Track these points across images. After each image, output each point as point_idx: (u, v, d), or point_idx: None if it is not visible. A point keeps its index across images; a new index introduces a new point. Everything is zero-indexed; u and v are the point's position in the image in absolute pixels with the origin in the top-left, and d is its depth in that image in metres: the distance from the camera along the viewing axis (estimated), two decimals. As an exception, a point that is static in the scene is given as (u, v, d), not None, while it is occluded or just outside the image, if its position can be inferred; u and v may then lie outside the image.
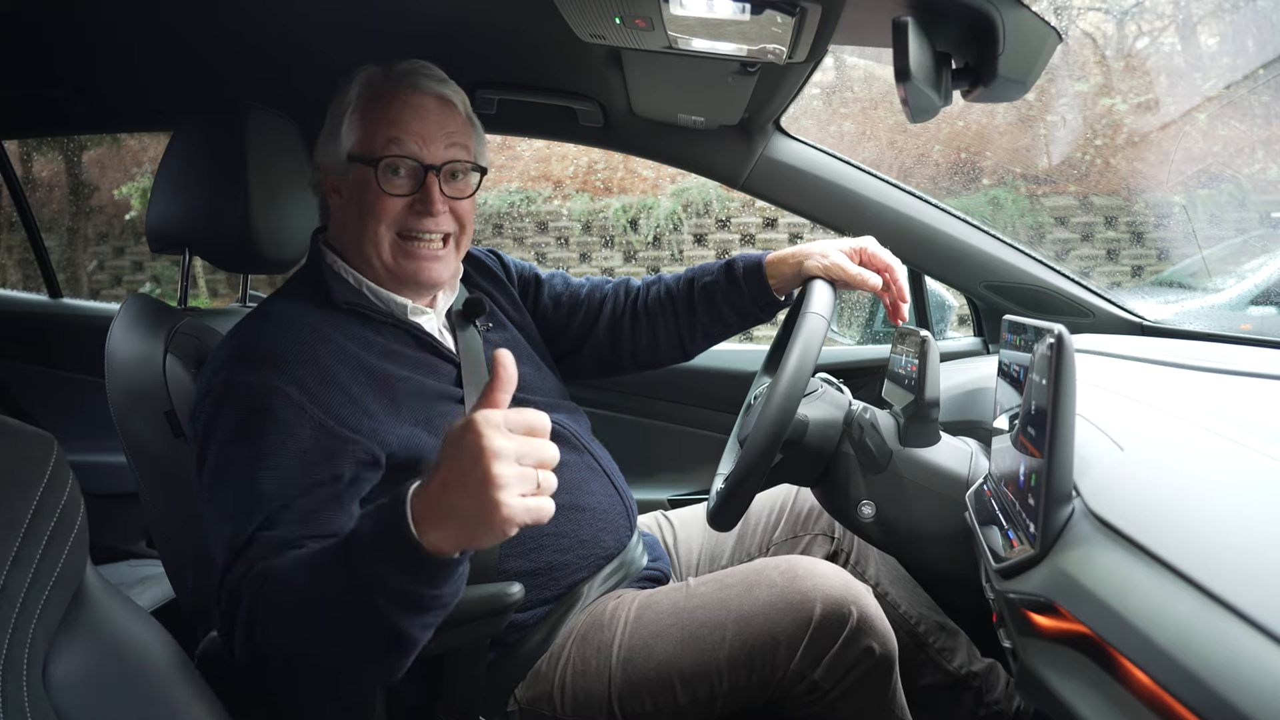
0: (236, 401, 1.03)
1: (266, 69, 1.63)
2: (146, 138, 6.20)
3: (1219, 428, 0.86)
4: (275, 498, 0.97)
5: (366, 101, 1.18)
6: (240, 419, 1.02)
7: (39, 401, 2.33)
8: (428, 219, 1.17)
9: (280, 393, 1.02)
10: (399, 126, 1.15)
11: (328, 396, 1.05)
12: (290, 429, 1.01)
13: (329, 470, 1.01)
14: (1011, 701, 1.34)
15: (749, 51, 1.21)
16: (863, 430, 1.15)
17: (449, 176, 1.19)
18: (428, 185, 1.16)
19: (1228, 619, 0.55)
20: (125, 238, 6.73)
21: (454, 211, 1.20)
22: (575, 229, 6.19)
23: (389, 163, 1.15)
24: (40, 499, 0.73)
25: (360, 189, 1.17)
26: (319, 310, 1.15)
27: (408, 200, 1.16)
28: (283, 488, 0.98)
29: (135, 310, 1.30)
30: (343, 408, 1.05)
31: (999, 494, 0.93)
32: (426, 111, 1.17)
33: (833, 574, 1.11)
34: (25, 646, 0.69)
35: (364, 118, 1.17)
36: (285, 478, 0.99)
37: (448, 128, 1.19)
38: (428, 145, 1.16)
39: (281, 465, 0.99)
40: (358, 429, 1.05)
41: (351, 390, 1.07)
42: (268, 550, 0.94)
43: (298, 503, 0.98)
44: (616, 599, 1.20)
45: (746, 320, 1.45)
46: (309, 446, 1.01)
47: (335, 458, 1.02)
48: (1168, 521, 0.68)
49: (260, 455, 0.99)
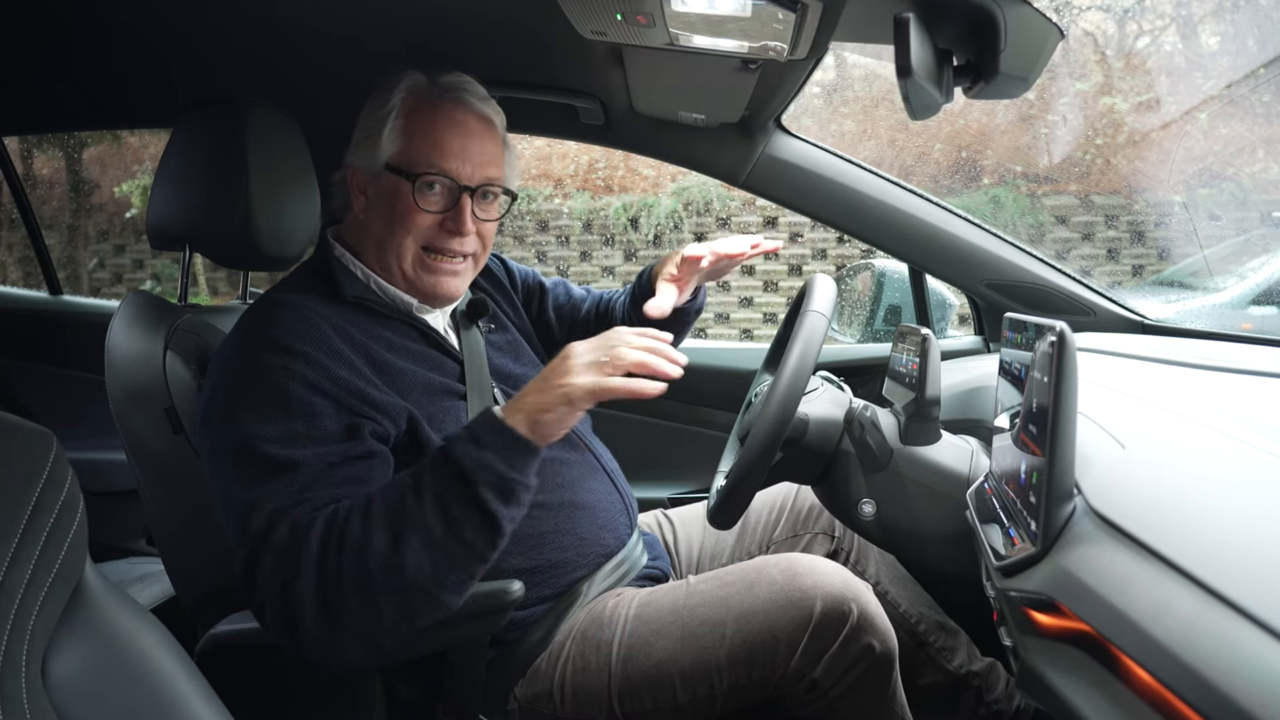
0: (256, 385, 1.02)
1: (268, 65, 1.62)
2: (147, 135, 6.21)
3: (1221, 425, 0.85)
4: (313, 465, 0.97)
5: (410, 111, 1.17)
6: (262, 401, 1.01)
7: (39, 398, 2.33)
8: (456, 239, 1.18)
9: (298, 374, 1.02)
10: (442, 144, 1.15)
11: (343, 375, 1.05)
12: (314, 407, 1.01)
13: (360, 445, 1.02)
14: (1011, 701, 1.34)
15: (750, 48, 1.20)
16: (863, 428, 1.15)
17: (480, 198, 1.20)
18: (460, 206, 1.17)
19: (1230, 616, 0.55)
20: (126, 235, 6.73)
21: (479, 232, 1.21)
22: (576, 228, 6.19)
23: (427, 179, 1.15)
24: (39, 495, 0.72)
25: (392, 197, 1.17)
26: (326, 302, 1.15)
27: (439, 218, 1.17)
28: (320, 456, 0.98)
29: (135, 307, 1.30)
30: (358, 385, 1.06)
31: (1000, 492, 0.93)
32: (469, 132, 1.18)
33: (833, 572, 1.11)
34: (24, 643, 0.69)
35: (407, 129, 1.17)
36: (318, 450, 0.99)
37: (488, 150, 1.19)
38: (466, 166, 1.17)
39: (312, 440, 0.99)
40: (374, 403, 1.06)
41: (363, 372, 1.08)
42: (317, 504, 0.94)
43: (335, 470, 0.98)
44: (616, 597, 1.20)
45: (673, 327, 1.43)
46: (334, 424, 1.01)
47: (360, 433, 1.03)
48: (1169, 519, 0.68)
49: (289, 433, 0.99)
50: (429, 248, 1.18)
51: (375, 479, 1.01)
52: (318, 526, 0.92)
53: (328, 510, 0.94)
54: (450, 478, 0.94)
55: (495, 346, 1.32)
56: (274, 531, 0.92)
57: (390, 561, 0.91)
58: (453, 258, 1.19)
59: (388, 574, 0.90)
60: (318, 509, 0.94)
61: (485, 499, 0.93)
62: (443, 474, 0.94)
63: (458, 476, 0.93)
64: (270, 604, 0.91)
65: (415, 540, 0.92)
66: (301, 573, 0.90)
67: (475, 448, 0.94)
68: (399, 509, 0.93)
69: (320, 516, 0.93)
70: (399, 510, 0.93)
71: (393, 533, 0.92)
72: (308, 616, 0.90)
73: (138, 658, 0.76)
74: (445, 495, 0.93)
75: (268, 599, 0.92)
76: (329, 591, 0.90)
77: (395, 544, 0.91)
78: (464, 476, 0.93)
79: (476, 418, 0.98)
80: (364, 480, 1.00)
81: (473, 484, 0.93)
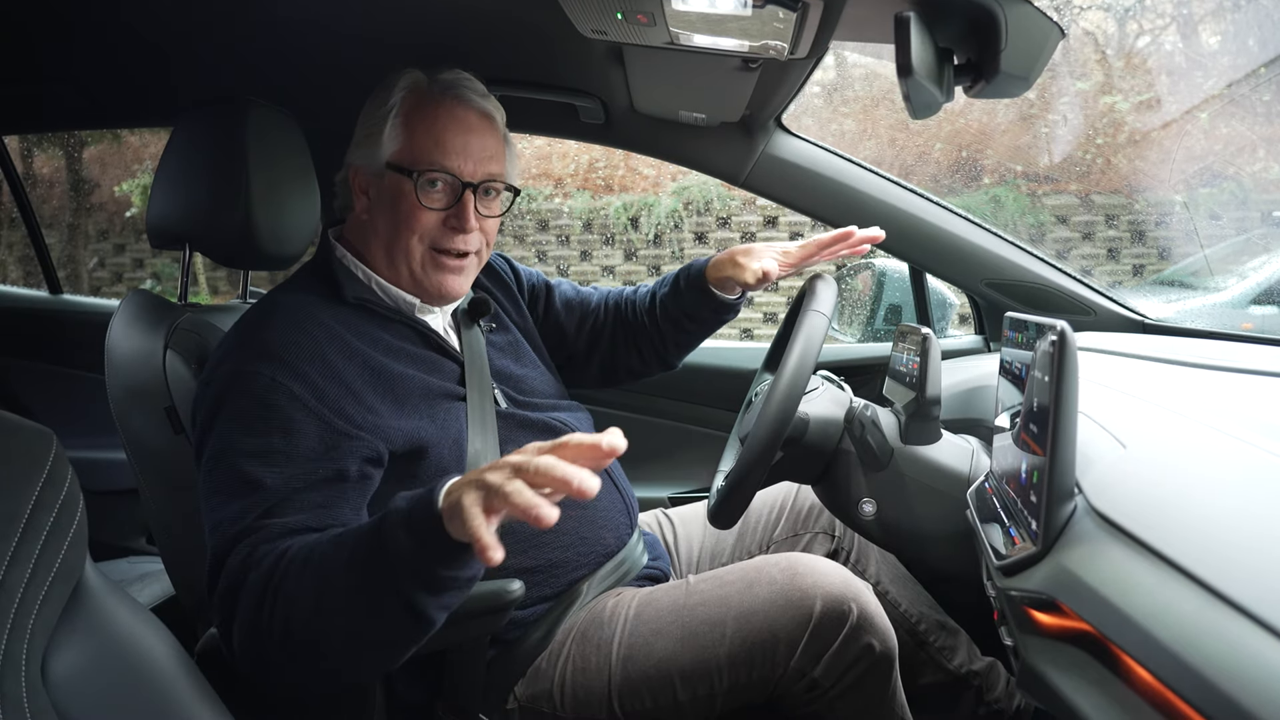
0: (241, 393, 1.02)
1: (268, 64, 1.62)
2: (148, 134, 6.20)
3: (1222, 425, 0.85)
4: (279, 489, 0.97)
5: (410, 109, 1.17)
6: (244, 410, 1.01)
7: (39, 398, 2.33)
8: (460, 236, 1.18)
9: (284, 388, 1.02)
10: (444, 142, 1.15)
11: (332, 392, 1.05)
12: (295, 424, 1.01)
13: (333, 466, 1.01)
14: (1011, 700, 1.34)
15: (751, 47, 1.20)
16: (864, 428, 1.15)
17: (483, 194, 1.20)
18: (463, 202, 1.17)
19: (1232, 616, 0.55)
20: (126, 235, 6.73)
21: (482, 229, 1.21)
22: (576, 227, 6.19)
23: (429, 176, 1.15)
24: (39, 494, 0.73)
25: (395, 197, 1.17)
26: (326, 304, 1.15)
27: (443, 215, 1.17)
28: (287, 480, 0.98)
29: (135, 306, 1.30)
30: (347, 404, 1.05)
31: (1000, 491, 0.93)
32: (470, 127, 1.18)
33: (833, 571, 1.11)
34: (24, 642, 0.69)
35: (407, 127, 1.16)
36: (290, 470, 0.98)
37: (489, 146, 1.19)
38: (468, 162, 1.16)
39: (286, 458, 0.99)
40: (361, 425, 1.05)
41: (355, 387, 1.07)
42: (273, 534, 0.94)
43: (302, 495, 0.98)
44: (616, 596, 1.20)
45: (707, 327, 1.47)
46: (313, 442, 1.01)
47: (340, 453, 1.02)
48: (1171, 518, 0.68)
49: (265, 448, 0.99)
50: (435, 247, 1.18)
51: (345, 505, 1.00)
52: (263, 567, 0.90)
53: (277, 550, 0.92)
54: (377, 566, 0.84)
55: (496, 347, 1.32)
56: (229, 559, 0.93)
57: (315, 628, 0.87)
58: (457, 255, 1.19)
59: (312, 640, 0.87)
60: (274, 540, 0.93)
61: (412, 596, 0.83)
62: (371, 559, 0.85)
63: (385, 567, 0.84)
64: (219, 623, 0.94)
65: (338, 617, 0.86)
66: (239, 611, 0.91)
67: (407, 536, 0.82)
68: (328, 574, 0.87)
69: (269, 555, 0.91)
70: (329, 576, 0.87)
71: (317, 599, 0.86)
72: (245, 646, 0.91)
73: (137, 657, 0.76)
74: (372, 583, 0.84)
75: (216, 617, 0.94)
76: (261, 635, 0.89)
77: (317, 612, 0.86)
78: (391, 569, 0.83)
79: (418, 495, 0.84)
80: (331, 506, 0.99)
81: (400, 580, 0.83)
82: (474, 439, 1.15)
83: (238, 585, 0.91)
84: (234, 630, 0.91)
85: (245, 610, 0.90)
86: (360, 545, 0.86)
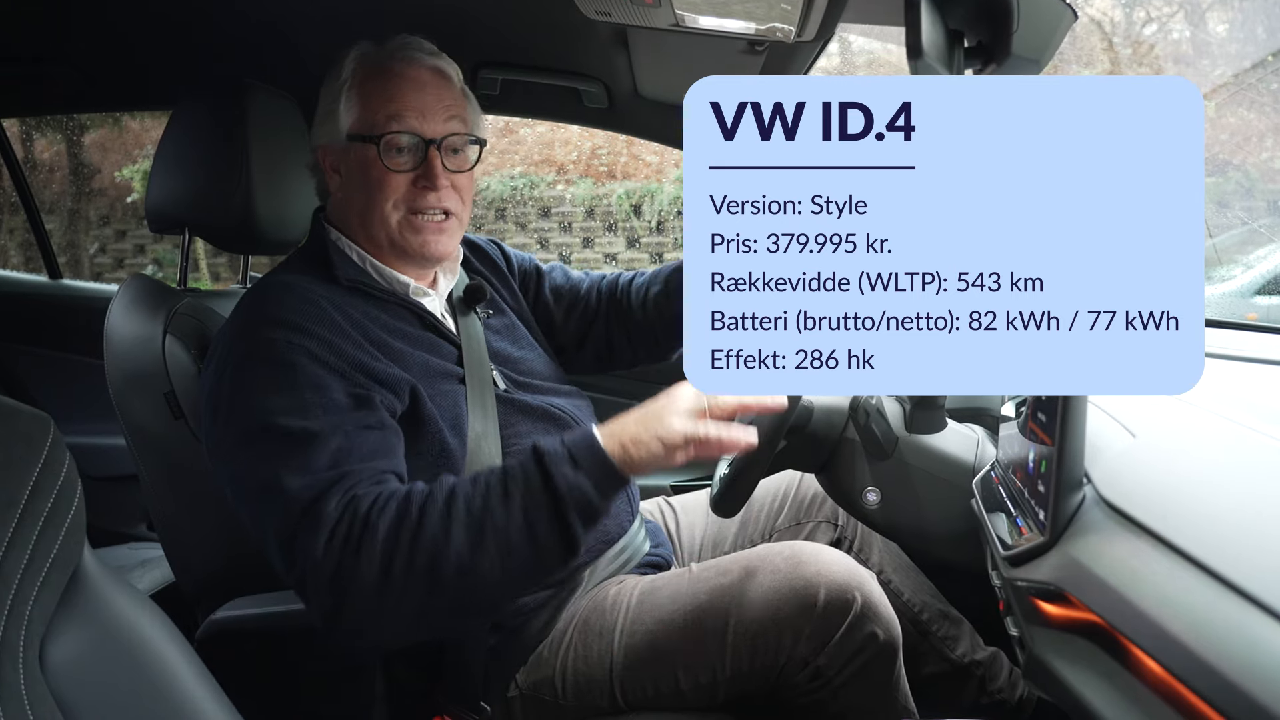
0: (261, 360, 1.02)
1: (268, 47, 1.61)
2: (148, 120, 6.17)
3: (1231, 413, 0.85)
4: (332, 436, 0.97)
5: (363, 79, 1.17)
6: (267, 376, 1.01)
7: (38, 383, 2.32)
8: (431, 194, 1.16)
9: (301, 347, 1.02)
10: (398, 102, 1.14)
11: (347, 349, 1.05)
12: (321, 379, 1.01)
13: (371, 416, 1.02)
14: (1014, 690, 1.34)
15: (757, 30, 1.19)
16: (868, 416, 1.14)
17: (449, 151, 1.19)
18: (430, 160, 1.16)
19: (1243, 606, 0.54)
20: (127, 220, 6.71)
21: (455, 186, 1.19)
22: (578, 214, 6.17)
23: (390, 139, 1.14)
24: (36, 479, 0.72)
25: (363, 167, 1.16)
26: (323, 285, 1.14)
27: (411, 176, 1.16)
28: (335, 426, 0.98)
29: (134, 291, 1.29)
30: (363, 357, 1.06)
31: (1007, 481, 0.92)
32: (423, 85, 1.17)
33: (837, 560, 1.10)
34: (21, 629, 0.68)
35: (362, 95, 1.16)
36: (333, 418, 0.98)
37: (445, 100, 1.18)
38: (427, 119, 1.15)
39: (323, 410, 0.98)
40: (376, 377, 1.05)
41: (365, 347, 1.08)
42: (363, 478, 0.95)
43: (356, 440, 0.98)
44: (618, 584, 1.20)
45: None
46: (341, 396, 1.01)
47: (370, 405, 1.02)
48: (1181, 507, 0.67)
49: (300, 403, 0.98)
50: (411, 210, 1.17)
51: (394, 452, 1.02)
52: (389, 512, 0.92)
53: (389, 492, 0.94)
54: (541, 495, 0.94)
55: (493, 330, 1.31)
56: (321, 508, 0.92)
57: (465, 564, 0.92)
58: (434, 215, 1.18)
59: (461, 575, 0.92)
60: (364, 484, 0.94)
61: (572, 523, 0.94)
62: (535, 490, 0.95)
63: (551, 496, 0.94)
64: (317, 581, 0.91)
65: (494, 548, 0.93)
66: (364, 557, 0.90)
67: (572, 469, 0.95)
68: (483, 514, 0.94)
69: (385, 499, 0.93)
70: (483, 515, 0.94)
71: (473, 537, 0.92)
72: (358, 599, 0.90)
73: (137, 644, 0.76)
74: (533, 511, 0.94)
75: (313, 576, 0.91)
76: (393, 580, 0.90)
77: (474, 549, 0.92)
78: (557, 498, 0.94)
79: (575, 436, 0.98)
80: (386, 453, 1.00)
81: (564, 507, 0.94)
82: (474, 422, 1.14)
83: (358, 532, 0.91)
84: (351, 577, 0.90)
85: (372, 556, 0.90)
86: (514, 482, 0.95)
